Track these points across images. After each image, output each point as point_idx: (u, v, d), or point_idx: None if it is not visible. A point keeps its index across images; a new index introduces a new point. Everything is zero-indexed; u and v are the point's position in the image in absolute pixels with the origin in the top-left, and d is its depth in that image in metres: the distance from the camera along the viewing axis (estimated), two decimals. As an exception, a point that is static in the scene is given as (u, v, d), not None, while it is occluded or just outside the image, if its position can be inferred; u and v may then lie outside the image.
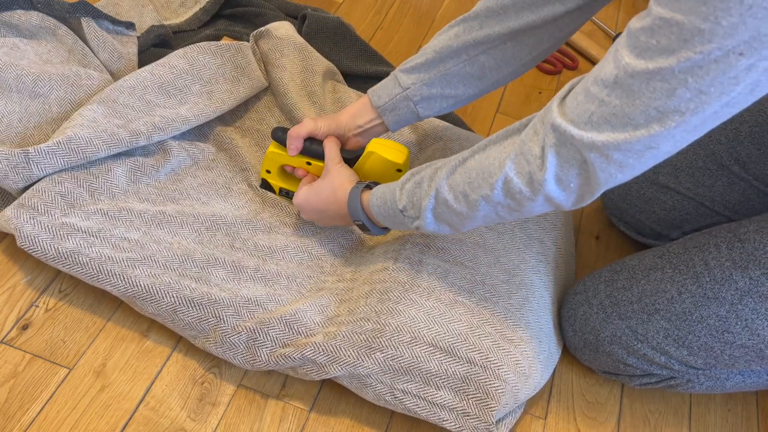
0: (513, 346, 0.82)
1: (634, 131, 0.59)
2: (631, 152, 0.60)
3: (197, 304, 0.82)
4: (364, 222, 0.86)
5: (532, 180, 0.67)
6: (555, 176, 0.65)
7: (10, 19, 1.02)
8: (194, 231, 0.91)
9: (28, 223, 0.83)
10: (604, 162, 0.61)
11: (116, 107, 0.94)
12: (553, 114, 0.64)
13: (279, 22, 1.17)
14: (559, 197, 0.67)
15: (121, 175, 0.92)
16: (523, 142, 0.68)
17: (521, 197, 0.69)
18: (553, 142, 0.64)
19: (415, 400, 0.80)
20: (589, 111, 0.61)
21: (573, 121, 0.62)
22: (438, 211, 0.76)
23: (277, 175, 0.98)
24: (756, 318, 0.79)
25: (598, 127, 0.60)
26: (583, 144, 0.61)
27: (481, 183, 0.71)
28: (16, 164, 0.85)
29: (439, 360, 0.80)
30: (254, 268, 0.89)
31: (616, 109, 0.59)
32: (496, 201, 0.71)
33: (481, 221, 0.75)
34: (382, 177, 0.93)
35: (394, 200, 0.80)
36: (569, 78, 1.42)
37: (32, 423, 0.77)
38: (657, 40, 0.55)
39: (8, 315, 0.84)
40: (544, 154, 0.65)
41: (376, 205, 0.83)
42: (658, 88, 0.56)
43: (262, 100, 1.12)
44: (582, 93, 0.62)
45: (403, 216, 0.80)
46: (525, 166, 0.67)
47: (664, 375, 0.88)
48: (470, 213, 0.74)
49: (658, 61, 0.55)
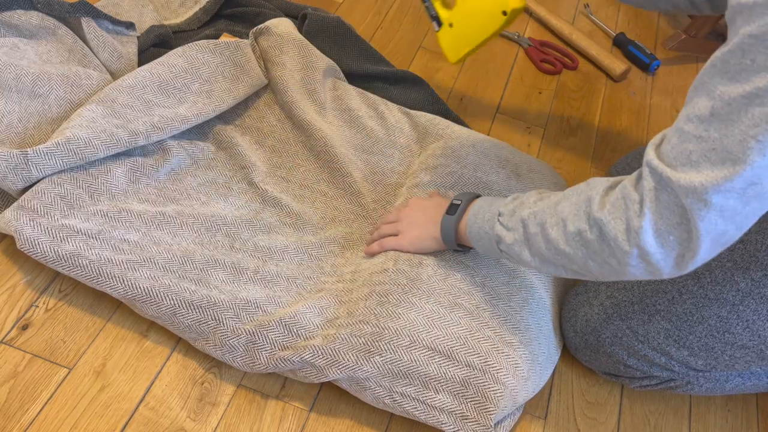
0: (512, 350, 0.82)
1: (733, 166, 0.55)
2: (732, 192, 0.56)
3: (197, 306, 0.82)
4: (460, 207, 0.84)
5: (629, 227, 0.62)
6: (653, 225, 0.61)
7: (10, 19, 1.01)
8: (194, 232, 0.91)
9: (28, 225, 0.83)
10: (703, 208, 0.57)
11: (115, 107, 0.94)
12: (649, 156, 0.61)
13: (278, 19, 1.17)
14: (657, 254, 0.61)
15: (121, 176, 0.92)
16: (624, 186, 0.64)
17: (615, 246, 0.63)
18: (652, 185, 0.60)
19: (414, 403, 0.80)
20: (687, 151, 0.58)
21: (670, 165, 0.59)
22: (531, 233, 0.72)
23: None
24: (757, 319, 0.79)
25: (697, 166, 0.57)
26: (680, 187, 0.57)
27: (581, 215, 0.67)
28: (15, 165, 0.85)
29: (438, 363, 0.80)
30: (254, 269, 0.88)
31: (714, 143, 0.56)
32: (589, 240, 0.66)
33: (565, 265, 0.70)
34: (487, 12, 0.90)
35: (500, 204, 0.78)
36: (569, 78, 1.42)
37: (32, 423, 0.77)
38: (751, 59, 0.52)
39: (8, 315, 0.84)
40: (643, 200, 0.61)
41: (478, 205, 0.82)
42: (756, 114, 0.53)
43: (262, 98, 1.12)
44: (676, 135, 0.59)
45: (497, 221, 0.77)
46: (623, 211, 0.63)
47: (664, 377, 0.88)
48: (561, 246, 0.69)
49: (755, 81, 0.52)
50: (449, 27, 0.96)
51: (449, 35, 0.97)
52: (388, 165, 1.07)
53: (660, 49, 1.56)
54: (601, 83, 1.44)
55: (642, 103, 1.42)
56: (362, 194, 1.01)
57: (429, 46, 1.41)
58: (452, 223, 0.84)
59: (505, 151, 1.07)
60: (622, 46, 1.52)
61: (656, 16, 1.68)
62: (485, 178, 1.01)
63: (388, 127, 1.11)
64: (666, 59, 1.53)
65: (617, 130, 1.35)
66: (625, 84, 1.45)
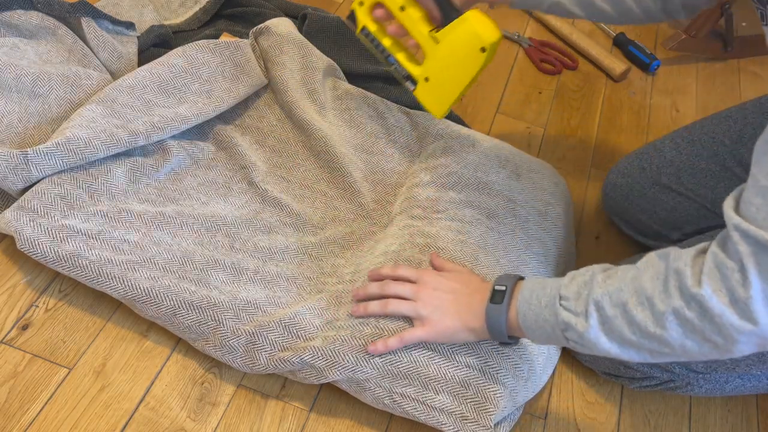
0: (511, 350, 0.82)
1: None
2: None
3: (197, 307, 0.82)
4: (507, 292, 0.73)
5: (735, 299, 0.56)
6: (762, 293, 0.55)
7: (10, 19, 1.01)
8: (194, 232, 0.91)
9: (28, 225, 0.83)
10: None
11: (115, 107, 0.94)
12: (734, 219, 0.56)
13: (278, 19, 1.17)
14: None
15: (121, 176, 0.92)
16: (714, 254, 0.58)
17: (721, 322, 0.57)
18: (749, 251, 0.55)
19: (414, 404, 0.80)
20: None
21: (763, 227, 0.54)
22: (607, 314, 0.63)
23: (368, 12, 0.91)
24: None
25: None
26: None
27: (672, 292, 0.60)
28: (15, 165, 0.85)
29: (437, 364, 0.80)
30: (254, 270, 0.88)
31: None
32: (688, 319, 0.59)
33: (655, 349, 0.62)
34: (464, 53, 0.85)
35: (557, 286, 0.69)
36: (569, 78, 1.42)
37: (32, 423, 0.77)
38: None
39: (8, 315, 0.84)
40: (744, 267, 0.55)
41: (528, 288, 0.72)
42: None
43: (262, 98, 1.12)
44: (758, 196, 0.55)
45: (560, 306, 0.67)
46: (723, 282, 0.57)
47: (664, 378, 0.88)
48: (651, 329, 0.61)
49: None
50: (426, 82, 0.90)
51: (428, 90, 0.90)
52: (389, 165, 1.07)
53: (660, 49, 1.56)
54: (601, 83, 1.44)
55: (642, 103, 1.42)
56: (362, 194, 1.01)
57: (429, 46, 1.40)
58: (502, 314, 0.73)
59: (506, 150, 1.07)
60: (622, 46, 1.52)
61: (656, 16, 1.68)
62: (485, 178, 1.01)
63: (388, 126, 1.11)
64: (666, 59, 1.53)
65: (617, 130, 1.35)
66: (625, 84, 1.45)
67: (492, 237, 0.93)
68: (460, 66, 0.86)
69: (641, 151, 1.08)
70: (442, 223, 0.94)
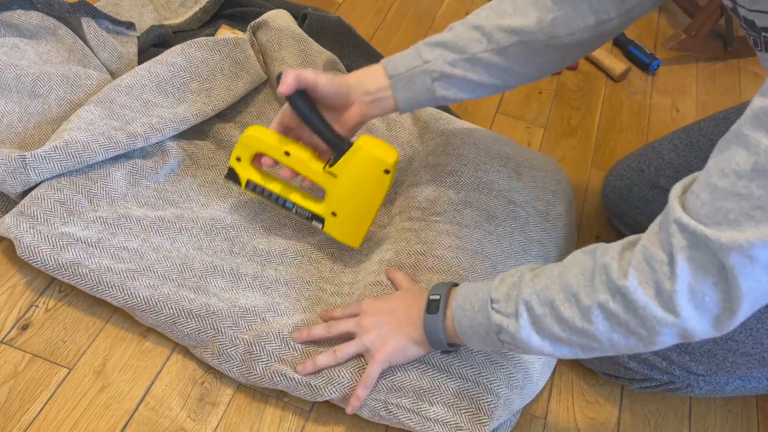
0: (506, 360, 0.82)
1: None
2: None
3: (196, 315, 0.82)
4: (441, 301, 0.74)
5: (660, 291, 0.57)
6: (688, 287, 0.56)
7: (10, 19, 1.01)
8: (193, 237, 0.90)
9: (28, 233, 0.83)
10: (748, 265, 0.52)
11: (113, 108, 0.94)
12: (677, 213, 0.56)
13: (276, 11, 1.15)
14: (692, 318, 0.57)
15: (120, 179, 0.92)
16: (644, 247, 0.59)
17: (645, 314, 0.58)
18: (683, 244, 0.55)
19: (409, 415, 0.80)
20: (723, 208, 0.53)
21: (703, 222, 0.54)
22: (537, 313, 0.65)
23: (248, 164, 0.88)
24: (761, 327, 0.79)
25: (738, 225, 0.52)
26: (721, 246, 0.53)
27: (598, 286, 0.60)
28: (14, 169, 0.84)
29: (431, 377, 0.80)
30: (253, 275, 0.88)
31: (761, 201, 0.51)
32: (613, 312, 0.60)
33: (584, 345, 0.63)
34: (368, 180, 0.83)
35: (488, 289, 0.70)
36: (569, 78, 1.42)
37: (32, 423, 0.77)
38: None
39: (8, 315, 0.84)
40: (674, 261, 0.56)
41: (461, 294, 0.72)
42: None
43: (262, 93, 1.11)
44: (705, 191, 0.55)
45: (492, 310, 0.68)
46: (650, 275, 0.57)
47: (664, 379, 0.88)
48: (578, 324, 0.62)
49: None
50: (333, 216, 0.87)
51: (339, 224, 0.88)
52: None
53: (660, 49, 1.56)
54: (601, 83, 1.44)
55: (642, 103, 1.42)
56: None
57: (429, 46, 1.40)
58: (438, 323, 0.74)
59: (507, 148, 1.07)
60: (622, 46, 1.52)
61: (656, 16, 1.68)
62: (485, 178, 1.01)
63: (389, 121, 1.11)
64: (666, 59, 1.53)
65: (617, 130, 1.35)
66: (625, 84, 1.45)
67: (490, 242, 0.93)
68: (368, 193, 0.84)
69: (639, 153, 1.08)
70: (439, 227, 0.93)
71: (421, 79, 0.82)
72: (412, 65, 0.82)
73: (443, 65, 0.81)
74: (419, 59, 0.82)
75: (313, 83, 0.79)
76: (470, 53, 0.81)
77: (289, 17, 1.16)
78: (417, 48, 0.83)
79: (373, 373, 0.77)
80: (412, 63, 0.82)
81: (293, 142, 0.86)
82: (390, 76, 0.82)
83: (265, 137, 0.84)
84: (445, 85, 0.82)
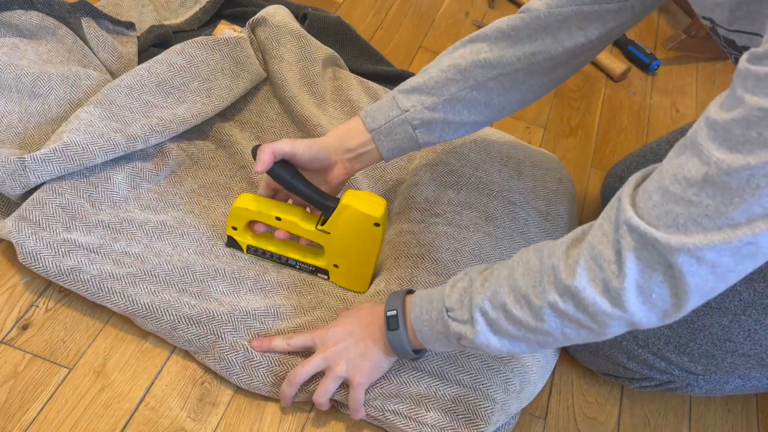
0: (503, 365, 0.82)
1: (733, 231, 0.52)
2: (727, 250, 0.53)
3: (196, 321, 0.82)
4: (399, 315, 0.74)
5: (608, 289, 0.58)
6: (635, 284, 0.57)
7: (10, 19, 1.01)
8: (195, 241, 0.90)
9: (30, 239, 0.83)
10: (695, 264, 0.54)
11: (113, 109, 0.93)
12: (627, 214, 0.57)
13: (274, 7, 1.15)
14: (640, 313, 0.58)
15: (121, 182, 0.91)
16: (591, 246, 0.60)
17: (594, 310, 0.59)
18: (632, 245, 0.57)
19: (406, 421, 0.80)
20: (673, 213, 0.54)
21: (653, 224, 0.56)
22: (491, 317, 0.66)
23: (244, 231, 0.89)
24: (759, 328, 0.79)
25: (686, 230, 0.54)
26: (669, 248, 0.54)
27: (546, 287, 0.62)
28: (13, 171, 0.84)
29: (427, 383, 0.80)
30: (254, 279, 0.88)
31: (708, 210, 0.53)
32: (564, 311, 0.61)
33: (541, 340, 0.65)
34: (360, 234, 0.84)
35: (441, 298, 0.71)
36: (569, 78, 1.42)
37: (32, 423, 0.77)
38: (758, 132, 0.49)
39: (8, 315, 0.84)
40: (621, 259, 0.57)
41: (417, 305, 0.73)
42: (762, 183, 0.50)
43: (261, 91, 1.11)
44: (658, 192, 0.56)
45: (448, 318, 0.69)
46: (598, 273, 0.59)
47: (664, 379, 0.88)
48: (532, 323, 0.64)
49: (761, 155, 0.49)
50: (336, 268, 0.89)
51: (343, 274, 0.90)
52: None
53: (660, 49, 1.56)
54: (601, 83, 1.44)
55: (642, 103, 1.42)
56: (362, 190, 1.01)
57: (429, 46, 1.41)
58: (402, 338, 0.75)
59: (508, 146, 1.07)
60: (622, 46, 1.52)
61: (656, 15, 1.68)
62: (486, 178, 1.01)
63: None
64: (666, 59, 1.53)
65: (617, 130, 1.35)
66: (625, 84, 1.45)
67: (488, 243, 0.93)
68: (363, 245, 0.85)
69: (637, 155, 1.08)
70: (438, 229, 0.93)
71: (402, 128, 0.82)
72: (391, 116, 0.82)
73: (422, 111, 0.81)
74: (397, 109, 0.82)
75: (291, 153, 0.80)
76: (448, 94, 0.81)
77: (288, 13, 1.15)
78: (393, 97, 0.83)
79: (359, 397, 0.78)
80: (390, 114, 0.82)
81: (283, 205, 0.86)
82: (371, 130, 0.83)
83: (254, 206, 0.86)
84: (427, 131, 0.83)
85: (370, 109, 0.84)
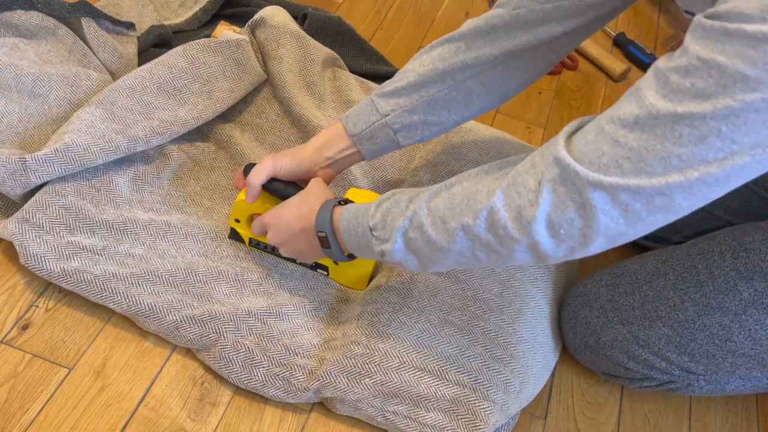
0: (503, 365, 0.82)
1: (649, 179, 0.53)
2: (641, 196, 0.54)
3: (198, 320, 0.82)
4: (328, 236, 0.76)
5: (520, 216, 0.60)
6: (547, 217, 0.58)
7: (10, 19, 1.01)
8: (199, 242, 0.90)
9: (34, 242, 0.83)
10: (609, 203, 0.55)
11: (114, 110, 0.93)
12: (558, 147, 0.58)
13: (272, 8, 1.15)
14: (546, 245, 0.60)
15: (124, 186, 0.91)
16: (517, 173, 0.61)
17: (504, 235, 0.61)
18: (552, 176, 0.58)
19: (406, 421, 0.80)
20: (600, 150, 0.56)
21: (578, 159, 0.57)
22: (410, 237, 0.68)
23: (247, 224, 0.90)
24: (759, 328, 0.79)
25: (606, 170, 0.55)
26: (587, 182, 0.55)
27: (464, 210, 0.64)
28: (14, 171, 0.84)
29: (427, 384, 0.80)
30: (257, 281, 0.88)
31: (631, 153, 0.54)
32: (476, 234, 0.63)
33: (454, 261, 0.67)
34: None
35: (366, 216, 0.72)
36: (569, 78, 1.42)
37: (32, 423, 0.77)
38: (691, 83, 0.50)
39: (8, 315, 0.84)
40: (540, 189, 0.58)
41: (345, 220, 0.74)
42: (685, 134, 0.51)
43: (262, 92, 1.11)
44: (593, 131, 0.57)
45: (372, 236, 0.71)
46: (515, 199, 0.60)
47: (664, 379, 0.88)
48: (445, 245, 0.66)
49: (690, 105, 0.50)
50: (336, 265, 0.90)
51: (342, 271, 0.90)
52: (389, 160, 1.06)
53: (660, 49, 1.56)
54: (601, 83, 1.44)
55: (642, 103, 1.42)
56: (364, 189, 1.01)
57: (429, 46, 1.40)
58: (336, 252, 0.78)
59: (508, 146, 1.07)
60: (622, 46, 1.52)
61: (656, 15, 1.68)
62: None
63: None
64: (666, 59, 1.53)
65: (617, 130, 1.35)
66: (625, 84, 1.45)
67: None
68: None
69: None
70: None
71: (383, 132, 0.84)
72: (371, 121, 0.83)
73: (402, 115, 0.82)
74: (377, 113, 0.83)
75: (274, 172, 0.83)
76: (426, 96, 0.81)
77: (286, 14, 1.15)
78: (372, 101, 0.83)
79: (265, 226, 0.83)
80: (370, 119, 0.83)
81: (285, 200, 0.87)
82: (352, 135, 0.84)
83: (256, 202, 0.86)
84: (407, 133, 0.84)
85: (350, 113, 0.85)
